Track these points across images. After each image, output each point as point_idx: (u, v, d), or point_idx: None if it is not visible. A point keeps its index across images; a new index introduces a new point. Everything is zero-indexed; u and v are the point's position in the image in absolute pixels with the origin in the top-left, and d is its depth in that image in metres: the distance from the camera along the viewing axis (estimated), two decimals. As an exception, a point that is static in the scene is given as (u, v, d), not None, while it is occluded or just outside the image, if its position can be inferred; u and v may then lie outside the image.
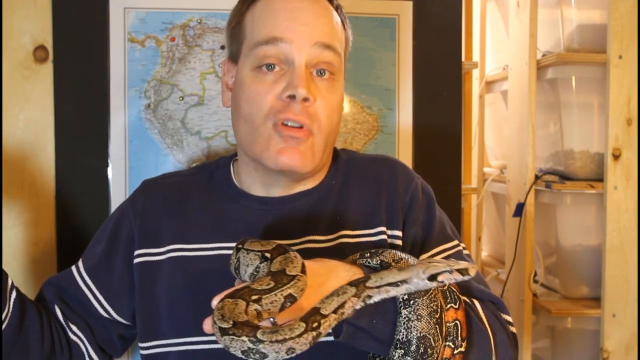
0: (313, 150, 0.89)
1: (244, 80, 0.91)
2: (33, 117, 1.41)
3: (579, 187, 1.78)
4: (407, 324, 0.77)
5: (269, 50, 0.88)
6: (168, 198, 0.98)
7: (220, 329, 0.65)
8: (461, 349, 0.81)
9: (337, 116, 0.93)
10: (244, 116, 0.91)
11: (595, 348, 1.78)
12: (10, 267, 1.41)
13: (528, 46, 1.79)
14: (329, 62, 0.90)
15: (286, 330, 0.64)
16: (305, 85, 0.86)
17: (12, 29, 1.40)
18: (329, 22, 0.92)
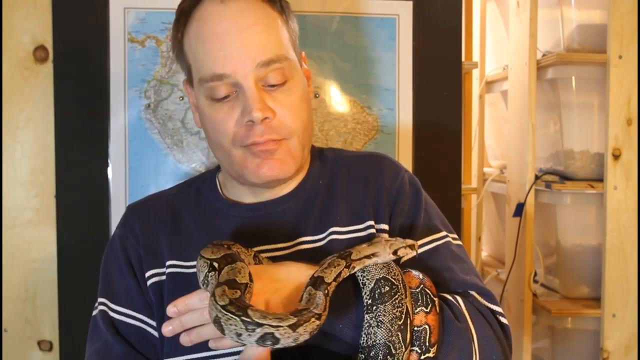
0: (291, 153, 0.90)
1: (203, 109, 0.92)
2: (33, 117, 1.41)
3: (579, 187, 1.78)
4: (367, 330, 0.77)
5: (216, 87, 0.88)
6: (160, 218, 0.97)
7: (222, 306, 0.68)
8: (429, 355, 0.80)
9: (305, 113, 0.92)
10: (214, 142, 0.92)
11: (595, 348, 1.78)
12: (11, 267, 1.41)
13: (528, 46, 1.79)
14: (278, 73, 0.89)
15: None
16: (260, 107, 0.85)
17: (12, 29, 1.40)
18: (263, 29, 0.88)
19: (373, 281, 0.79)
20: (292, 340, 0.68)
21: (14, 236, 1.41)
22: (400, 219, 0.96)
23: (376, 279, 0.79)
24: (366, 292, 0.79)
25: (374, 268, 0.81)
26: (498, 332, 0.88)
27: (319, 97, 1.47)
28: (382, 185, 0.98)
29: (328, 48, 1.46)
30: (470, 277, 0.93)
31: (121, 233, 0.97)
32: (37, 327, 1.43)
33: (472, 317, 0.86)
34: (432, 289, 0.83)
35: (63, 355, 1.41)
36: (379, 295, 0.78)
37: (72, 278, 1.40)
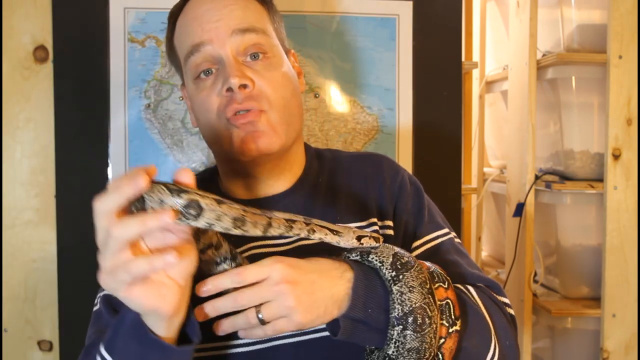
0: (271, 124, 0.89)
1: (192, 94, 0.94)
2: (33, 117, 1.41)
3: (579, 187, 1.78)
4: (400, 299, 0.76)
5: (197, 59, 0.90)
6: None
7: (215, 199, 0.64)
8: (456, 327, 0.80)
9: (288, 90, 0.92)
10: (203, 124, 0.93)
11: (595, 348, 1.78)
12: (11, 267, 1.41)
13: (528, 46, 1.79)
14: (255, 43, 0.90)
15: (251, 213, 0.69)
16: (237, 74, 0.86)
17: (12, 29, 1.40)
18: (241, 7, 0.91)
19: (390, 256, 0.80)
20: (215, 216, 0.64)
21: (14, 236, 1.41)
22: (404, 216, 0.97)
23: (392, 254, 0.80)
24: (386, 267, 0.79)
25: (384, 247, 0.81)
26: (509, 320, 0.89)
27: (319, 97, 1.47)
28: (384, 181, 0.99)
29: (328, 48, 1.46)
30: (477, 271, 0.95)
31: None
32: (37, 327, 1.43)
33: (486, 305, 0.87)
34: (442, 271, 0.84)
35: (63, 355, 1.41)
36: (402, 265, 0.78)
37: (72, 278, 1.40)
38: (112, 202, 0.61)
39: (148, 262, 0.62)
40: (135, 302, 0.65)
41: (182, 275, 0.67)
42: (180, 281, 0.67)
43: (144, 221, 0.61)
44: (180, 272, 0.67)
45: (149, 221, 0.61)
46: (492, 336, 0.84)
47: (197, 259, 0.69)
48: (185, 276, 0.68)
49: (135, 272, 0.62)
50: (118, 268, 0.62)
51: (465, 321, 0.82)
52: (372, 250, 0.81)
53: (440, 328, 0.79)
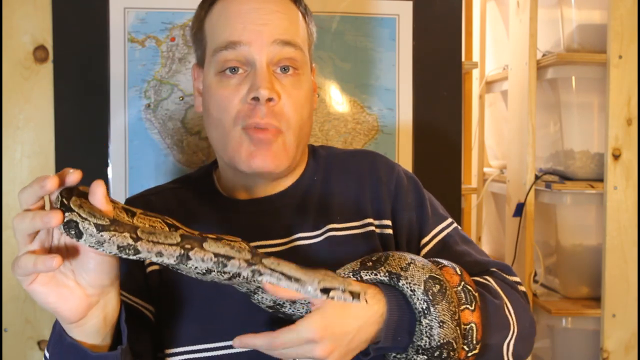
0: (285, 148, 0.89)
1: (211, 86, 0.91)
2: (33, 117, 1.41)
3: (579, 187, 1.78)
4: (429, 332, 0.77)
5: (229, 55, 0.88)
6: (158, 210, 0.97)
7: (96, 225, 0.63)
8: (475, 352, 0.81)
9: (307, 111, 0.92)
10: (214, 121, 0.91)
11: (595, 348, 1.78)
12: (11, 267, 1.41)
13: (528, 46, 1.79)
14: (290, 57, 0.89)
15: (162, 236, 0.65)
16: (268, 86, 0.85)
17: (12, 29, 1.40)
18: (287, 18, 0.90)
19: (422, 284, 0.78)
20: (95, 242, 0.63)
21: (14, 236, 1.41)
22: (406, 213, 0.97)
23: (423, 281, 0.78)
24: (417, 297, 0.78)
25: (416, 270, 0.79)
26: (524, 299, 0.92)
27: (319, 97, 1.47)
28: (379, 180, 0.98)
29: (328, 48, 1.46)
30: (486, 257, 0.97)
31: None
32: (37, 327, 1.43)
33: (505, 292, 0.89)
34: (471, 284, 0.84)
35: (63, 355, 1.41)
36: (433, 296, 0.77)
37: (72, 278, 1.40)
38: (22, 198, 0.66)
39: (32, 261, 0.64)
40: (36, 298, 0.67)
41: (89, 284, 0.68)
42: (87, 289, 0.68)
43: (34, 217, 0.64)
44: (87, 281, 0.68)
45: (36, 219, 0.64)
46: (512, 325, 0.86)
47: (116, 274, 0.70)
48: (95, 286, 0.68)
49: (21, 268, 0.65)
50: (18, 262, 0.66)
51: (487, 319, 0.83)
52: (401, 274, 0.79)
53: (460, 352, 0.80)
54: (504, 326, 0.86)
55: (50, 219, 0.63)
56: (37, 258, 0.64)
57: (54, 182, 0.64)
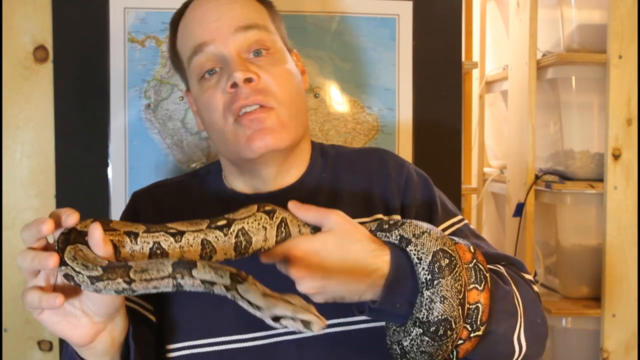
0: (281, 121, 0.88)
1: (197, 95, 0.93)
2: (33, 117, 1.41)
3: (579, 187, 1.78)
4: (429, 305, 0.74)
5: (200, 59, 0.89)
6: (163, 206, 0.97)
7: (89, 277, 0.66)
8: (478, 333, 0.78)
9: (293, 85, 0.91)
10: (209, 125, 0.92)
11: (595, 348, 1.78)
12: (10, 267, 1.41)
13: (528, 46, 1.79)
14: (257, 39, 0.89)
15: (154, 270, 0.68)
16: (241, 68, 0.86)
17: (12, 29, 1.40)
18: (241, 6, 0.91)
19: (430, 254, 0.76)
20: (93, 290, 0.67)
21: (14, 236, 1.41)
22: (414, 209, 0.96)
23: (433, 252, 0.76)
24: (423, 267, 0.76)
25: (428, 240, 0.77)
26: (537, 296, 0.90)
27: (319, 97, 1.47)
28: (389, 176, 0.98)
29: (328, 48, 1.46)
30: (498, 251, 0.96)
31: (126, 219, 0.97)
32: (37, 327, 1.43)
33: (515, 282, 0.87)
34: (483, 263, 0.81)
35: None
36: (439, 269, 0.75)
37: (72, 278, 1.40)
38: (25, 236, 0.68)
39: (37, 297, 0.67)
40: (47, 326, 0.71)
41: (96, 314, 0.72)
42: (93, 318, 0.72)
43: (33, 258, 0.67)
44: (93, 311, 0.71)
45: (35, 260, 0.67)
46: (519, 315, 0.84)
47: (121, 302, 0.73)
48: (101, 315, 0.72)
49: (28, 303, 0.67)
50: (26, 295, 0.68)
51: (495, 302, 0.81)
52: (412, 240, 0.77)
53: (462, 331, 0.77)
54: (512, 314, 0.84)
55: (47, 262, 0.65)
56: (42, 296, 0.67)
57: (49, 227, 0.67)
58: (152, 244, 0.73)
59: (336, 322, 0.88)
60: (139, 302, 0.91)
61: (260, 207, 0.78)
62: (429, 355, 0.76)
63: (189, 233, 0.75)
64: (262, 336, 0.86)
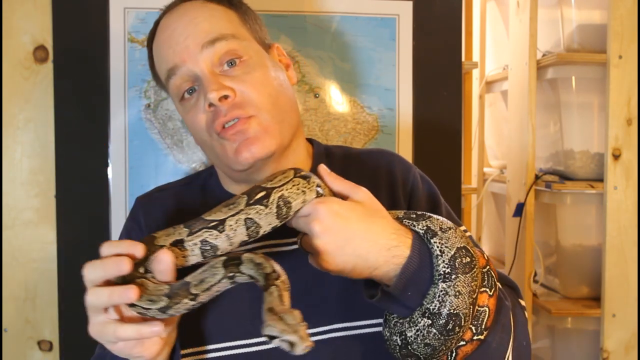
0: (264, 127, 0.87)
1: (182, 114, 0.94)
2: (33, 117, 1.41)
3: (579, 187, 1.78)
4: (442, 297, 0.75)
5: (176, 81, 0.90)
6: (166, 211, 0.98)
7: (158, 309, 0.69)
8: (480, 337, 0.79)
9: (272, 88, 0.90)
10: (199, 143, 0.93)
11: (595, 348, 1.78)
12: (10, 267, 1.41)
13: (528, 46, 1.79)
14: (227, 51, 0.88)
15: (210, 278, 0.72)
16: (214, 87, 0.85)
17: (12, 29, 1.40)
18: (206, 19, 0.90)
19: (453, 249, 0.76)
20: (164, 316, 0.70)
21: (14, 236, 1.41)
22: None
23: (457, 247, 0.77)
24: (444, 259, 0.76)
25: (454, 236, 0.78)
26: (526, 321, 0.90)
27: (319, 97, 1.47)
28: (396, 180, 0.98)
29: (328, 48, 1.46)
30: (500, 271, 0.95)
31: (129, 225, 0.98)
32: (37, 327, 1.43)
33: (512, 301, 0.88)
34: (494, 272, 0.82)
35: (63, 355, 1.41)
36: (459, 265, 0.76)
37: (72, 278, 1.40)
38: (95, 275, 0.69)
39: (136, 330, 0.69)
40: (121, 353, 0.72)
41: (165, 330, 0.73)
42: (162, 335, 0.73)
43: (111, 294, 0.68)
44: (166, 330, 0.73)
45: (115, 295, 0.68)
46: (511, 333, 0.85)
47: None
48: (169, 328, 0.74)
49: (122, 337, 0.69)
50: (105, 330, 0.69)
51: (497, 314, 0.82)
52: (438, 233, 0.78)
53: (467, 331, 0.78)
54: (507, 330, 0.84)
55: (129, 296, 0.68)
56: (140, 327, 0.69)
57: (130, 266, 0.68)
58: (200, 244, 0.75)
59: (341, 327, 0.88)
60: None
61: (297, 172, 0.79)
62: (432, 348, 0.76)
63: (230, 218, 0.75)
64: (264, 341, 0.86)
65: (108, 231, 1.40)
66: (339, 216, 0.75)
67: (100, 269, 0.70)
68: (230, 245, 0.76)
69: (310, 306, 0.87)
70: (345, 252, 0.74)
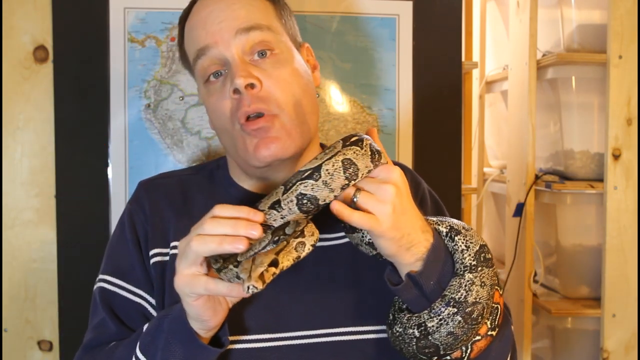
0: (286, 129, 0.88)
1: (204, 98, 0.94)
2: (33, 117, 1.41)
3: (579, 187, 1.78)
4: (469, 287, 0.79)
5: (204, 62, 0.90)
6: (171, 198, 0.97)
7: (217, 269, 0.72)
8: (493, 333, 0.83)
9: (298, 88, 0.90)
10: (218, 129, 0.93)
11: (595, 348, 1.78)
12: (11, 267, 1.41)
13: (528, 46, 1.79)
14: (261, 41, 0.88)
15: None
16: (242, 74, 0.85)
17: (12, 29, 1.40)
18: (244, 6, 0.90)
19: (478, 245, 0.82)
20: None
21: (14, 236, 1.41)
22: None
23: (480, 244, 0.82)
24: (470, 253, 0.81)
25: (476, 235, 0.83)
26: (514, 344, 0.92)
27: (319, 97, 1.47)
28: None
29: (328, 48, 1.46)
30: None
31: (131, 208, 0.97)
32: (37, 327, 1.43)
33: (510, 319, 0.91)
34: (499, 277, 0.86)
35: (63, 355, 1.41)
36: (484, 259, 0.81)
37: (72, 278, 1.40)
38: (218, 230, 0.71)
39: (228, 287, 0.72)
40: (195, 311, 0.75)
41: (233, 302, 0.79)
42: (230, 305, 0.79)
43: (235, 224, 0.70)
44: (232, 300, 0.79)
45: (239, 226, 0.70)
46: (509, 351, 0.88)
47: None
48: (234, 302, 0.79)
49: (213, 290, 0.72)
50: (196, 281, 0.72)
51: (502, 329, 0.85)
52: (462, 231, 0.82)
53: (482, 325, 0.81)
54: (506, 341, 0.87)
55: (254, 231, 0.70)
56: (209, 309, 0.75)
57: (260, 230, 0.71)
58: (296, 199, 0.75)
59: (347, 331, 0.88)
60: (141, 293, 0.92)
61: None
62: (454, 337, 0.79)
63: (326, 163, 0.75)
64: (268, 338, 0.86)
65: (108, 231, 1.40)
66: (406, 186, 0.78)
67: (229, 227, 0.70)
68: (332, 192, 0.75)
69: (314, 307, 0.87)
70: (405, 219, 0.77)
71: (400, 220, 0.76)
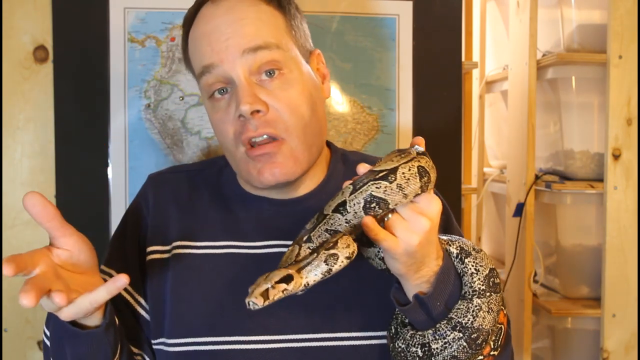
0: (293, 154, 0.86)
1: (208, 111, 0.92)
2: (33, 117, 1.41)
3: (579, 187, 1.78)
4: (476, 312, 0.78)
5: (209, 79, 0.87)
6: (177, 193, 0.96)
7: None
8: (495, 353, 0.82)
9: (307, 107, 0.88)
10: (221, 144, 0.92)
11: (595, 348, 1.78)
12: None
13: (528, 46, 1.79)
14: (269, 61, 0.85)
15: None
16: (248, 100, 0.83)
17: (12, 29, 1.40)
18: (251, 22, 0.86)
19: (487, 269, 0.81)
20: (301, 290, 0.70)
21: (14, 236, 1.41)
22: None
23: (490, 268, 0.81)
24: (479, 277, 0.80)
25: (486, 257, 0.82)
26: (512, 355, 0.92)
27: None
28: None
29: (328, 48, 1.46)
30: None
31: (138, 203, 0.97)
32: (37, 327, 1.43)
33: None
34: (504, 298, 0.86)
35: (63, 355, 1.41)
36: (493, 285, 0.80)
37: (72, 278, 1.40)
38: None
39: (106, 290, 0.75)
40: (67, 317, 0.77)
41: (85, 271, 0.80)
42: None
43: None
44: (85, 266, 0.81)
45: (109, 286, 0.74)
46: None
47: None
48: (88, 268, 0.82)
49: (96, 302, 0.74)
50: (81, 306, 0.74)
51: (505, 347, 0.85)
52: (472, 253, 0.81)
53: (485, 346, 0.80)
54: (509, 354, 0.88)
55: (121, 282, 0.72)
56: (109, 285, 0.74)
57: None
58: (364, 201, 0.71)
59: (350, 336, 0.88)
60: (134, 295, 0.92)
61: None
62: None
63: (403, 166, 0.71)
64: (268, 340, 0.86)
65: (108, 231, 1.40)
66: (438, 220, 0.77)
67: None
68: (405, 198, 0.70)
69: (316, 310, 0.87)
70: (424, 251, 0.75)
71: (419, 251, 0.74)
